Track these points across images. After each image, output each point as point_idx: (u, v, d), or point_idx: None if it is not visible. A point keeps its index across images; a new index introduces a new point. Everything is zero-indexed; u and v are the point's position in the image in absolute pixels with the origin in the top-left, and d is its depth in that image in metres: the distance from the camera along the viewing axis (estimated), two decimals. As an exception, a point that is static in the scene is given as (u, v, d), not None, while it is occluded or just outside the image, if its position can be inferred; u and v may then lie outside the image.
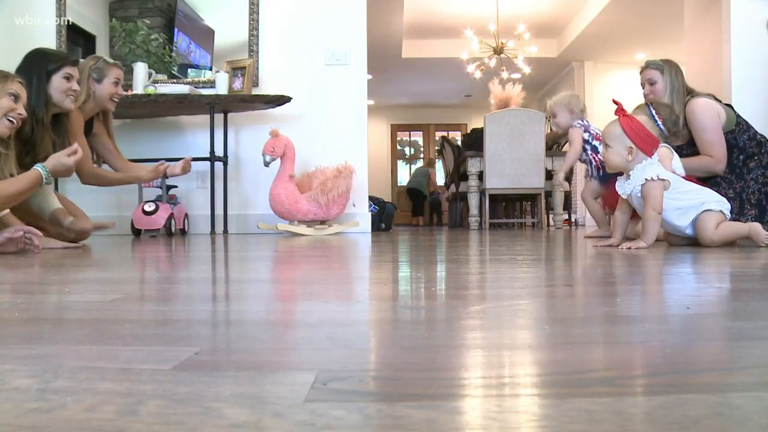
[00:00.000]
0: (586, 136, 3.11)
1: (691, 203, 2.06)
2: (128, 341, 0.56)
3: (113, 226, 2.69)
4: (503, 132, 5.15)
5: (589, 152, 3.11)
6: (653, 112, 2.56)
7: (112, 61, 3.02)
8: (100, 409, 0.36)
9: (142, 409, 0.36)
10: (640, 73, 2.68)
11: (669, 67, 2.59)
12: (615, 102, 2.10)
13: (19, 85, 2.14)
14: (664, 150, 2.38)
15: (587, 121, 3.18)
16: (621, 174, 2.12)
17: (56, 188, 4.05)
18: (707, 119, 2.52)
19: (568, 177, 5.94)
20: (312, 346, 0.55)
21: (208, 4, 4.52)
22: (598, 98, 8.48)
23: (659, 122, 2.54)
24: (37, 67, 2.45)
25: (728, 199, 2.23)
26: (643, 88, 2.66)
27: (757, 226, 2.01)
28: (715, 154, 2.53)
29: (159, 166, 3.12)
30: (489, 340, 0.57)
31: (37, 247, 1.94)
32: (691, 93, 2.59)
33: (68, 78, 2.48)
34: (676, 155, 2.45)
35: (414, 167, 13.02)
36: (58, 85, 2.46)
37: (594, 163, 3.11)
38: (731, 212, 2.19)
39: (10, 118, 2.10)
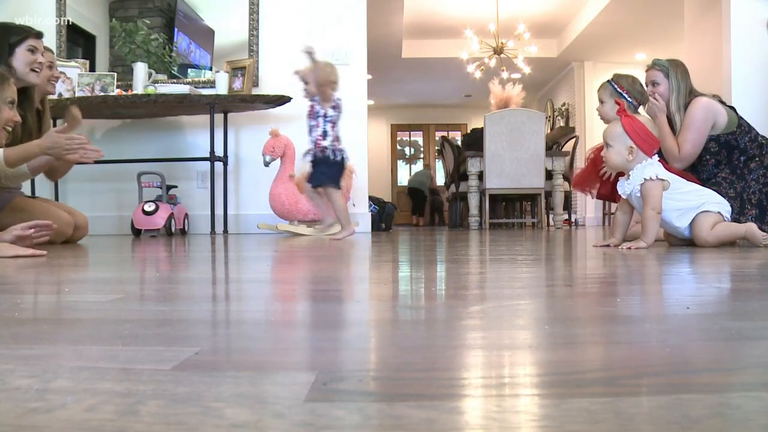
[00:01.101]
0: (330, 110, 2.98)
1: (691, 204, 2.06)
2: (128, 341, 0.56)
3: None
4: (503, 132, 5.15)
5: (319, 121, 2.98)
6: (616, 87, 2.59)
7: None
8: (100, 409, 0.36)
9: (142, 409, 0.36)
10: (646, 71, 2.63)
11: (675, 68, 2.54)
12: (617, 102, 2.10)
13: (15, 89, 2.14)
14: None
15: (339, 101, 3.07)
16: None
17: (56, 188, 4.06)
18: (698, 120, 2.49)
19: (568, 177, 5.94)
20: (312, 346, 0.55)
21: (208, 4, 4.52)
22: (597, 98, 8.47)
23: (624, 94, 2.56)
24: None
25: (729, 199, 2.23)
26: (646, 87, 2.62)
27: (753, 227, 2.01)
28: (683, 151, 2.50)
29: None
30: (489, 340, 0.57)
31: (49, 228, 1.96)
32: (695, 94, 2.57)
33: (32, 50, 2.44)
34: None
35: (414, 167, 13.03)
36: (22, 57, 2.41)
37: (314, 140, 2.98)
38: (732, 212, 2.19)
39: (7, 127, 2.11)
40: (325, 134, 3.02)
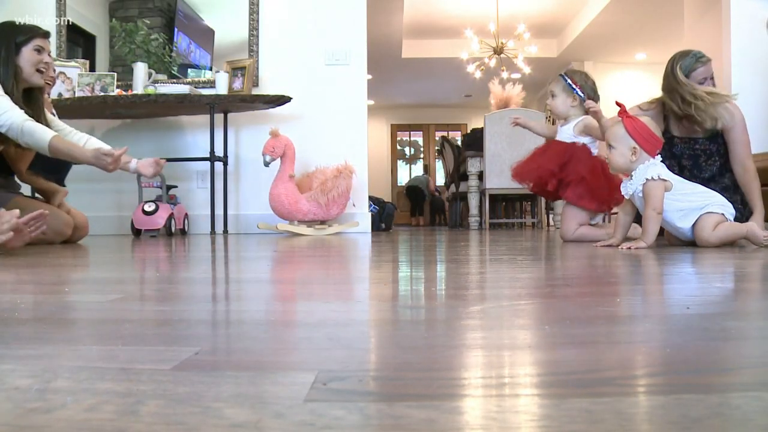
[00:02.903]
0: None
1: (694, 205, 2.06)
2: (128, 341, 0.56)
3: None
4: (503, 132, 5.15)
5: None
6: (569, 81, 2.57)
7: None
8: (100, 409, 0.36)
9: (142, 409, 0.36)
10: (701, 67, 2.45)
11: None
12: (618, 104, 2.10)
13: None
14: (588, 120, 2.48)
15: None
16: None
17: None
18: (743, 121, 2.46)
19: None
20: (312, 346, 0.55)
21: (208, 4, 4.52)
22: (598, 98, 8.47)
23: (577, 89, 2.55)
24: (5, 39, 2.41)
25: (738, 204, 2.24)
26: (705, 83, 2.45)
27: (754, 227, 2.01)
28: (748, 154, 2.46)
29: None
30: (489, 340, 0.57)
31: (41, 217, 1.95)
32: None
33: (39, 50, 2.44)
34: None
35: (414, 167, 13.04)
36: (28, 57, 2.41)
37: None
38: (743, 217, 2.22)
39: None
40: None
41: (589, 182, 2.54)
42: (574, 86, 2.58)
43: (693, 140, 2.50)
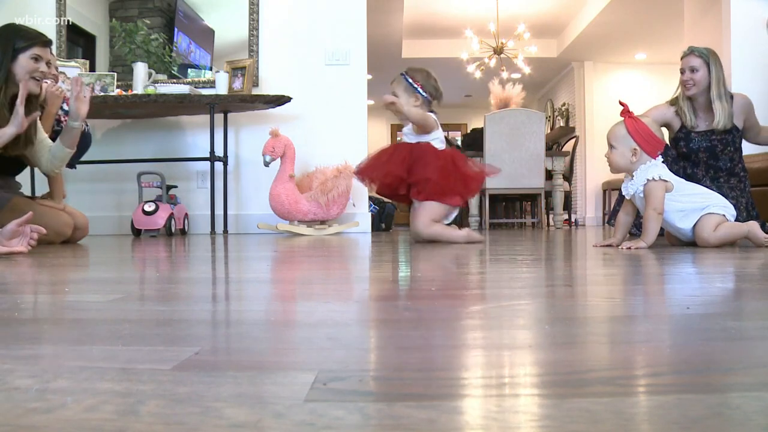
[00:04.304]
0: None
1: (694, 206, 2.06)
2: (128, 341, 0.56)
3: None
4: (503, 132, 5.15)
5: None
6: (410, 81, 2.53)
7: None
8: (100, 409, 0.36)
9: (142, 409, 0.36)
10: (682, 58, 2.63)
11: (714, 58, 2.57)
12: (621, 103, 2.10)
13: None
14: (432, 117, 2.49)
15: None
16: None
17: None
18: (751, 106, 2.69)
19: (568, 177, 5.93)
20: (312, 346, 0.55)
21: (208, 4, 4.52)
22: (598, 98, 8.48)
23: (419, 89, 2.51)
24: (4, 42, 2.37)
25: (738, 205, 2.29)
26: (683, 74, 2.62)
27: (755, 227, 2.01)
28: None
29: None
30: (489, 340, 0.57)
31: (33, 238, 1.92)
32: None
33: (36, 59, 2.39)
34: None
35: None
36: (24, 64, 2.37)
37: None
38: (749, 218, 2.26)
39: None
40: None
41: (439, 182, 2.46)
42: (415, 86, 2.54)
43: (710, 132, 2.63)
